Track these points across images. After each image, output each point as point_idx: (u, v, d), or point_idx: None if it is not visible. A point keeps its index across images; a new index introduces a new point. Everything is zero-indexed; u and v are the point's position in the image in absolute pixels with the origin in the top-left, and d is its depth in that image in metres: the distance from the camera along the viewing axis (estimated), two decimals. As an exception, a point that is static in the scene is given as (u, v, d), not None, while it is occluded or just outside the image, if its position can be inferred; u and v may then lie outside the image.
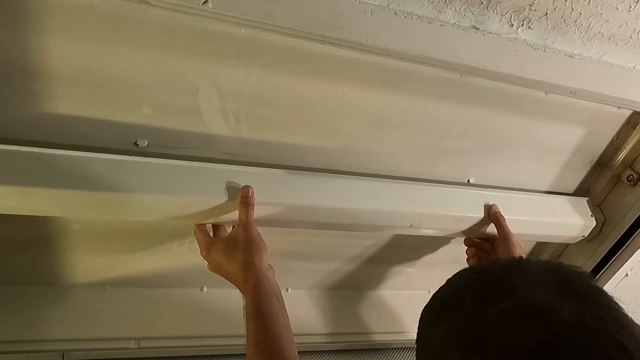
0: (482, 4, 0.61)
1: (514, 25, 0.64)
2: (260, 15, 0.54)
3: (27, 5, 0.52)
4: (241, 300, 0.62)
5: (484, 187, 0.87)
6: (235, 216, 0.65)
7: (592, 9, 0.63)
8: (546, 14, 0.63)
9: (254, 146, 0.70)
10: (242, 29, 0.59)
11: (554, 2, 0.62)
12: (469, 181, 0.86)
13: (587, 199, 0.93)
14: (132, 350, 0.75)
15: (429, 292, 1.01)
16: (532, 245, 1.05)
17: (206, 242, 0.66)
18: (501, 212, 0.80)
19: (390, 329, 0.95)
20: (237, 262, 0.62)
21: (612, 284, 0.97)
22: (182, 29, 0.57)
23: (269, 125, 0.69)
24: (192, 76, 0.62)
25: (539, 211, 0.87)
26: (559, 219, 0.88)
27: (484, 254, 0.83)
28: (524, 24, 0.64)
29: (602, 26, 0.66)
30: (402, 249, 0.93)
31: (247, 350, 0.58)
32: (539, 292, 0.37)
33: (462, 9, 0.61)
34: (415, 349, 0.43)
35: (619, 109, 0.83)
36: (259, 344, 0.57)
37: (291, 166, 0.74)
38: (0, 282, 0.75)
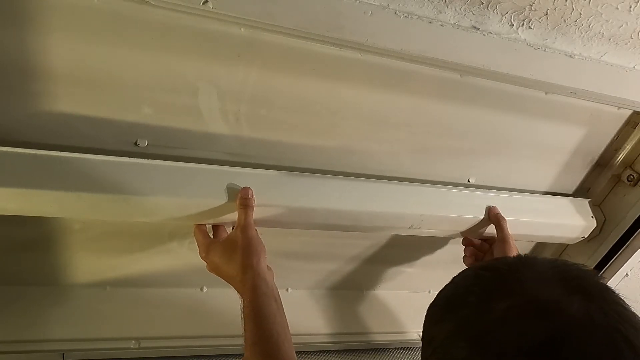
0: (482, 4, 0.61)
1: (514, 25, 0.64)
2: (260, 15, 0.54)
3: (27, 5, 0.52)
4: (239, 302, 0.62)
5: (484, 187, 0.87)
6: (235, 217, 0.65)
7: (592, 9, 0.63)
8: (546, 14, 0.63)
9: (254, 146, 0.70)
10: (242, 29, 0.59)
11: (554, 2, 0.62)
12: (468, 181, 0.86)
13: (589, 199, 0.93)
14: (132, 350, 0.75)
15: (429, 292, 1.03)
16: (532, 245, 1.05)
17: (205, 243, 0.66)
18: (502, 214, 0.80)
19: (390, 329, 0.95)
20: (235, 264, 0.62)
21: (612, 284, 0.97)
22: (182, 29, 0.57)
23: (269, 125, 0.69)
24: (192, 76, 0.62)
25: (540, 212, 0.87)
26: (559, 219, 0.88)
27: (480, 254, 0.83)
28: (524, 24, 0.64)
29: (602, 26, 0.66)
30: (402, 249, 0.93)
31: (245, 350, 0.58)
32: (545, 289, 0.38)
33: (462, 9, 0.61)
34: (419, 347, 0.43)
35: (619, 109, 0.83)
36: (257, 345, 0.57)
37: (291, 166, 0.74)
38: (0, 282, 0.75)
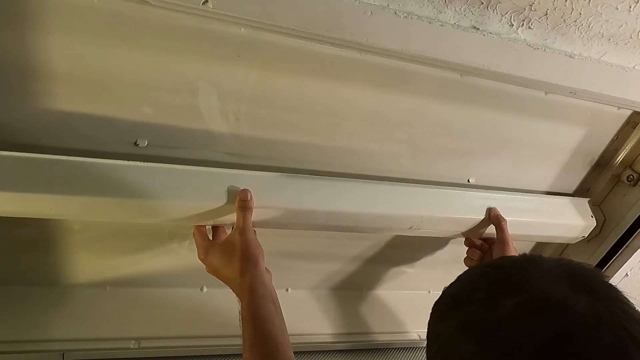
0: (482, 4, 0.61)
1: (514, 25, 0.64)
2: (260, 15, 0.54)
3: (27, 5, 0.52)
4: (237, 304, 0.62)
5: (484, 187, 0.86)
6: (234, 218, 0.65)
7: (592, 9, 0.63)
8: (546, 14, 0.63)
9: (254, 146, 0.70)
10: (242, 29, 0.59)
11: (554, 2, 0.62)
12: (468, 181, 0.86)
13: (588, 199, 0.93)
14: (132, 350, 0.75)
15: (429, 292, 1.03)
16: (532, 245, 1.05)
17: (204, 245, 0.66)
18: (503, 216, 0.80)
19: (391, 329, 0.95)
20: (233, 267, 0.62)
21: (612, 283, 0.97)
22: (182, 29, 0.57)
23: (269, 125, 0.69)
24: (192, 76, 0.62)
25: (540, 212, 0.87)
26: (560, 219, 0.88)
27: (481, 254, 0.83)
28: (524, 24, 0.64)
29: (602, 26, 0.66)
30: (403, 249, 0.93)
31: (243, 352, 0.59)
32: (552, 286, 0.38)
33: (462, 9, 0.61)
34: (420, 347, 0.43)
35: (619, 109, 0.83)
36: (255, 347, 0.58)
37: (291, 166, 0.74)
38: (0, 282, 0.75)
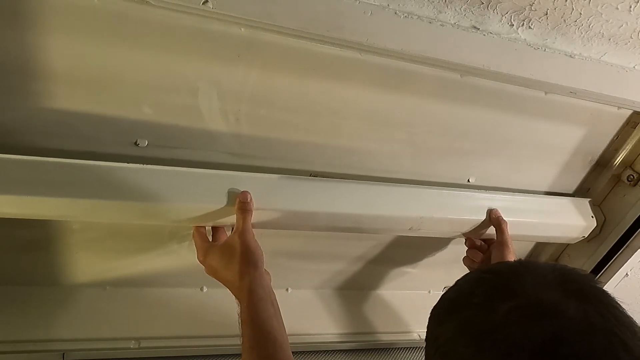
0: (482, 4, 0.61)
1: (514, 25, 0.64)
2: (260, 15, 0.54)
3: (27, 5, 0.52)
4: (237, 306, 0.62)
5: (484, 187, 0.86)
6: (234, 220, 0.65)
7: (592, 9, 0.63)
8: (546, 14, 0.63)
9: (254, 146, 0.70)
10: (242, 29, 0.59)
11: (554, 2, 0.62)
12: (468, 181, 0.86)
13: (589, 199, 0.93)
14: (132, 350, 0.75)
15: (429, 292, 1.03)
16: (532, 245, 1.05)
17: (203, 247, 0.66)
18: (503, 217, 0.80)
19: (393, 328, 0.95)
20: (232, 269, 0.62)
21: (612, 284, 0.97)
22: (182, 29, 0.57)
23: (269, 125, 0.69)
24: (192, 76, 0.62)
25: (540, 212, 0.87)
26: (560, 220, 0.88)
27: (482, 255, 0.83)
28: (524, 24, 0.64)
29: (602, 26, 0.66)
30: (405, 249, 0.93)
31: (242, 354, 0.59)
32: (545, 292, 0.39)
33: (462, 9, 0.61)
34: (423, 348, 0.44)
35: (619, 109, 0.83)
36: (254, 350, 0.58)
37: (291, 166, 0.74)
38: (0, 282, 0.75)
